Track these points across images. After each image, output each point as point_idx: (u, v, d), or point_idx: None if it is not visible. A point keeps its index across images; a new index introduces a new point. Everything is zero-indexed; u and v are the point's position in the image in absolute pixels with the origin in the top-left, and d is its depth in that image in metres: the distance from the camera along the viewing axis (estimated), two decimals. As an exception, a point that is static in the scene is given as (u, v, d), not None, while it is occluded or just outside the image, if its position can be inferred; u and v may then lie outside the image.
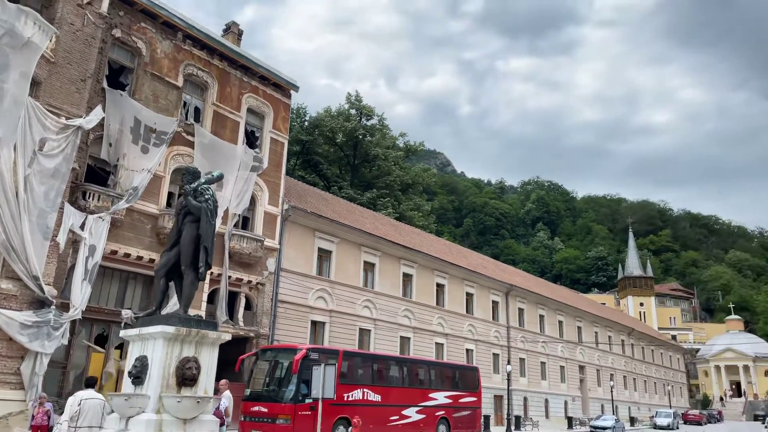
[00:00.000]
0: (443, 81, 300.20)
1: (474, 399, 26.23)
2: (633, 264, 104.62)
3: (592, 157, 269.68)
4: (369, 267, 33.21)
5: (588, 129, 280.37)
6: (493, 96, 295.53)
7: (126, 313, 20.04)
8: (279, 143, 29.77)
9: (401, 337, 34.05)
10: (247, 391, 18.90)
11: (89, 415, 9.04)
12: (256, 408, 17.96)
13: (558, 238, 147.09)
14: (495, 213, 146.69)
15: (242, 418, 18.28)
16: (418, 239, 40.65)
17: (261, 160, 28.23)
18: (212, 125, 26.24)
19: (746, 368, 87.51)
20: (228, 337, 9.06)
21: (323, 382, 12.11)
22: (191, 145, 24.92)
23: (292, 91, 30.91)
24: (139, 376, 7.78)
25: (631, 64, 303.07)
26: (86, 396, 9.19)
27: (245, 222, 27.54)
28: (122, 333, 8.72)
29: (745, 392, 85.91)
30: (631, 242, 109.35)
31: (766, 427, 44.20)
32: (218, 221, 25.30)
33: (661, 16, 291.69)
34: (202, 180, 8.83)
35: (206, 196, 8.62)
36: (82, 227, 19.12)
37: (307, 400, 18.40)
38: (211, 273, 25.19)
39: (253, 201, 27.69)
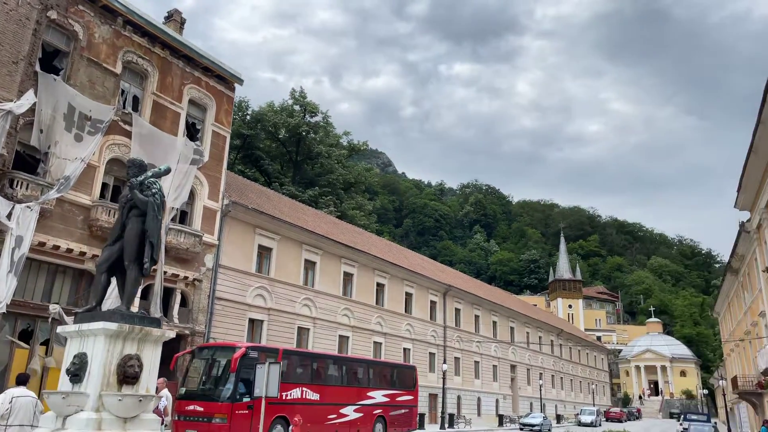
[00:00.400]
0: (387, 81, 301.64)
1: (411, 397, 26.63)
2: (563, 268, 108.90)
3: (528, 162, 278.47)
4: (310, 265, 33.06)
5: (525, 135, 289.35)
6: (435, 99, 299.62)
7: (54, 308, 19.15)
8: (221, 137, 29.18)
9: (340, 336, 34.10)
10: (182, 390, 18.48)
11: (21, 414, 8.65)
12: (191, 407, 17.56)
13: (494, 240, 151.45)
14: (434, 214, 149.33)
15: (176, 417, 17.84)
16: (360, 238, 40.81)
17: (202, 153, 27.57)
18: (151, 115, 25.43)
19: (663, 368, 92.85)
20: (172, 334, 8.89)
21: (267, 380, 12.04)
22: (129, 135, 24.04)
23: (236, 84, 30.40)
24: (77, 373, 7.49)
25: (567, 75, 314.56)
26: (18, 393, 8.78)
27: (183, 216, 26.82)
28: (60, 329, 8.36)
29: (662, 391, 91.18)
30: (563, 247, 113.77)
31: (680, 424, 46.99)
32: (156, 215, 24.73)
33: (595, 30, 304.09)
34: (149, 173, 8.64)
35: (153, 190, 8.43)
36: (8, 217, 18.14)
37: (245, 399, 18.21)
38: (147, 268, 24.47)
39: (192, 195, 27.00)
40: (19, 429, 8.60)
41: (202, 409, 17.21)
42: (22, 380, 9.19)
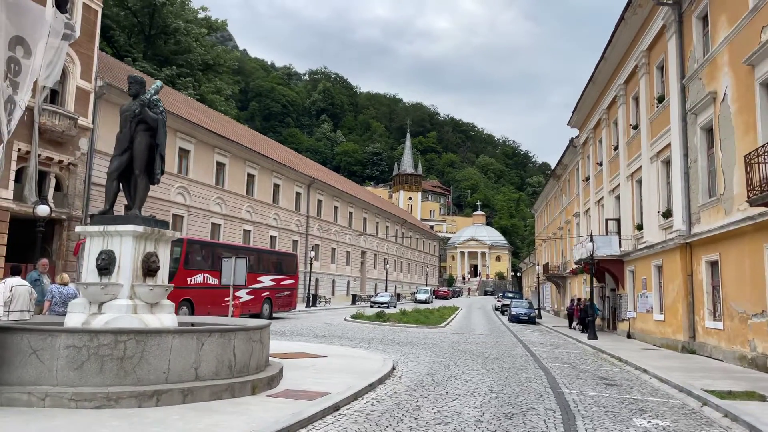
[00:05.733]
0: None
1: (292, 281, 29.25)
2: (407, 162, 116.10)
3: (378, 53, 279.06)
4: (184, 154, 32.92)
5: (378, 24, 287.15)
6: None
7: None
8: (92, 11, 27.08)
9: (212, 224, 35.09)
10: (89, 276, 18.96)
11: (20, 301, 9.59)
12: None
13: (340, 131, 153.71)
14: (282, 100, 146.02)
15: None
16: (230, 127, 40.69)
17: (73, 28, 25.14)
18: (16, -20, 22.85)
19: (483, 254, 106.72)
20: (179, 234, 10.06)
21: (234, 271, 13.58)
22: (-8, 1, 21.63)
23: (106, -48, 27.77)
24: (106, 267, 8.54)
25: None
26: (15, 283, 9.63)
27: (53, 96, 25.24)
28: (80, 229, 9.10)
29: (479, 273, 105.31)
30: (408, 143, 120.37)
31: (498, 299, 56.25)
32: (29, 95, 23.02)
33: None
34: (152, 90, 9.34)
35: (160, 108, 9.24)
36: None
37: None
38: (19, 150, 23.19)
39: (63, 74, 25.29)
40: (20, 314, 9.60)
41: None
42: (16, 271, 9.96)
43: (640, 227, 23.10)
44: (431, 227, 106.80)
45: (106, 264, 8.63)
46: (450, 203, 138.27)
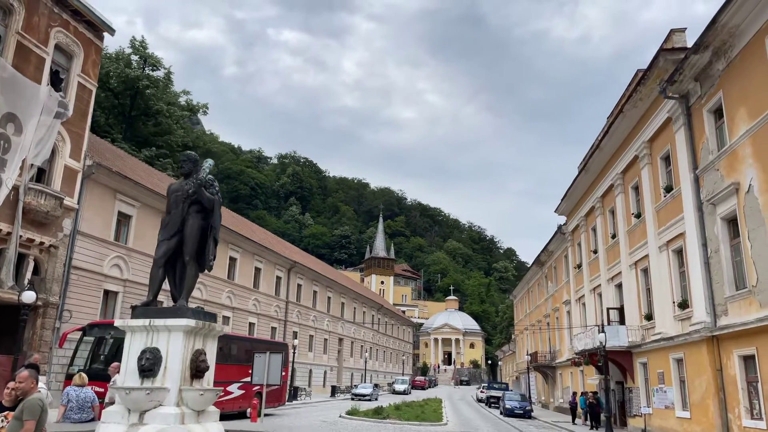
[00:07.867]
0: (210, 36, 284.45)
1: (283, 374, 27.32)
2: (380, 246, 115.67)
3: (346, 140, 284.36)
4: (168, 235, 31.57)
5: (346, 113, 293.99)
6: (260, 63, 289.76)
7: None
8: (87, 90, 26.55)
9: (193, 310, 33.22)
10: (75, 368, 17.18)
11: (35, 409, 8.19)
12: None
13: (309, 213, 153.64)
14: (251, 182, 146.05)
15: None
16: (212, 209, 39.68)
17: (66, 107, 24.81)
18: (14, 58, 22.37)
19: (457, 341, 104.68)
20: (227, 329, 8.99)
21: (267, 368, 12.24)
22: (-12, 77, 20.94)
23: (105, 33, 27.74)
24: (151, 369, 7.33)
25: (391, 61, 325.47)
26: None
27: (39, 174, 24.08)
28: (120, 323, 7.94)
29: (454, 361, 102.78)
30: (380, 227, 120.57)
31: (481, 391, 54.28)
32: (16, 173, 21.92)
33: (422, 23, 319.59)
34: (206, 170, 8.57)
35: (216, 188, 8.45)
36: None
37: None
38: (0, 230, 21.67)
39: (53, 152, 24.32)
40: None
41: (101, 389, 16.26)
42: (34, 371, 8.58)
43: (649, 317, 22.65)
44: (404, 312, 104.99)
45: (150, 364, 7.46)
46: (421, 288, 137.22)
